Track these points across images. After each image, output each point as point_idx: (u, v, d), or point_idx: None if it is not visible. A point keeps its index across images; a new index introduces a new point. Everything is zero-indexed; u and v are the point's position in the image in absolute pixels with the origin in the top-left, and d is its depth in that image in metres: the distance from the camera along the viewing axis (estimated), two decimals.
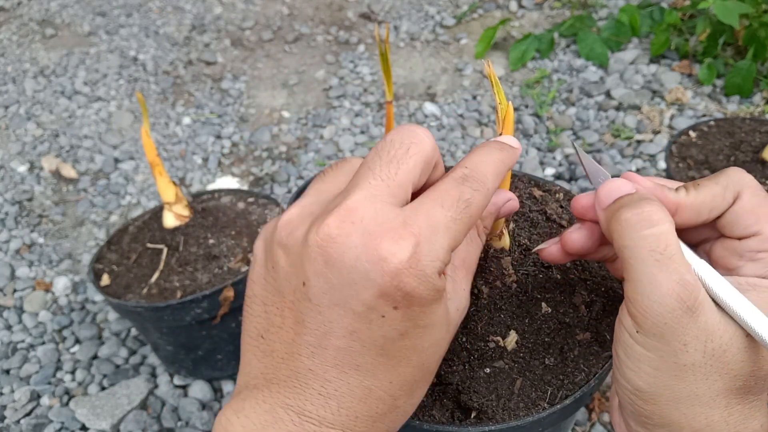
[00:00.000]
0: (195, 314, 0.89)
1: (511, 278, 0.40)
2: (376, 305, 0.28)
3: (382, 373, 0.29)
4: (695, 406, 0.29)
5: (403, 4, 2.21)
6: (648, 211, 0.29)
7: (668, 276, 0.28)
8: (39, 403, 1.06)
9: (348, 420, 0.30)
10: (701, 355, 0.28)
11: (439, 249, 0.28)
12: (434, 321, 0.30)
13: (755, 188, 0.31)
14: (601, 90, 1.62)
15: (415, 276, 0.27)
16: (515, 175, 0.48)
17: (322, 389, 0.29)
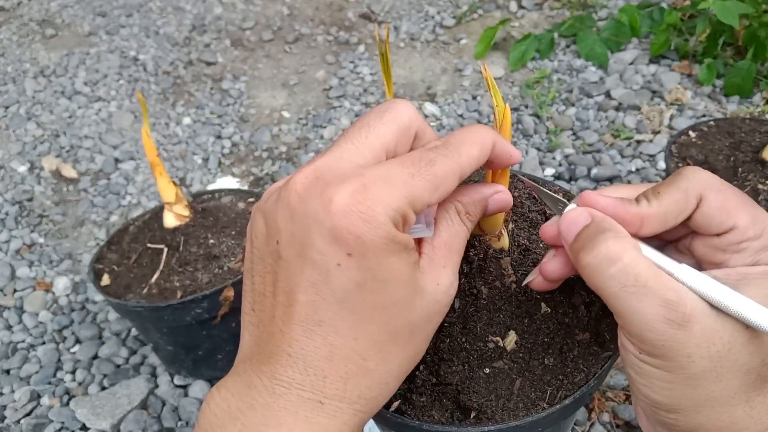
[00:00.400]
0: (195, 314, 0.89)
1: (510, 278, 0.40)
2: (330, 252, 0.28)
3: (344, 329, 0.29)
4: (716, 408, 0.29)
5: (403, 5, 2.21)
6: (605, 249, 0.29)
7: (648, 303, 0.28)
8: (39, 403, 1.06)
9: (317, 380, 0.29)
10: (708, 360, 0.28)
11: (391, 197, 0.28)
12: (394, 277, 0.29)
13: (717, 185, 0.31)
14: (601, 90, 1.63)
15: (363, 219, 0.27)
16: (514, 175, 0.49)
17: (290, 349, 0.30)
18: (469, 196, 0.34)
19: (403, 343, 0.31)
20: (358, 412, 0.30)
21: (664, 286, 0.28)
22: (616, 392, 0.94)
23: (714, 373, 0.29)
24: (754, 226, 0.30)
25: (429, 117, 1.67)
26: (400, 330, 0.31)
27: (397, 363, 0.31)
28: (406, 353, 0.31)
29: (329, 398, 0.29)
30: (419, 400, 0.39)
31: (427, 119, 1.67)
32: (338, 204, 0.28)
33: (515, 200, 0.46)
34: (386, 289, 0.29)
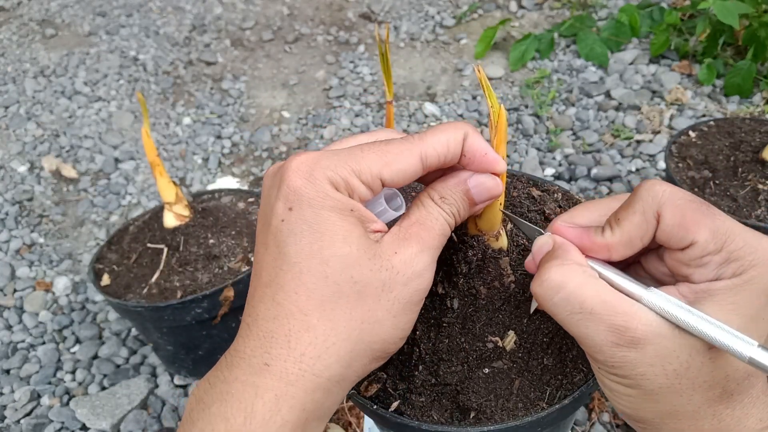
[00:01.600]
0: (195, 314, 0.89)
1: (509, 278, 0.40)
2: (277, 209, 0.31)
3: (287, 282, 0.31)
4: (681, 421, 0.30)
5: (403, 5, 2.21)
6: (548, 278, 0.30)
7: (595, 328, 0.29)
8: (39, 403, 1.06)
9: (265, 341, 0.30)
10: (664, 378, 0.29)
11: (334, 162, 0.31)
12: (333, 230, 0.30)
13: (674, 200, 0.30)
14: (601, 90, 1.63)
15: (303, 177, 0.31)
16: (514, 175, 0.49)
17: (249, 318, 0.32)
18: (444, 181, 0.34)
19: (347, 302, 0.31)
20: (305, 372, 0.30)
21: (612, 311, 0.29)
22: None
23: (672, 389, 0.29)
24: (714, 240, 0.29)
25: (429, 117, 1.67)
26: (342, 286, 0.31)
27: (343, 323, 0.31)
28: (353, 314, 0.31)
29: (275, 358, 0.30)
30: (418, 400, 0.39)
31: (427, 119, 1.67)
32: (289, 167, 0.31)
33: (514, 200, 0.46)
34: (323, 239, 0.30)
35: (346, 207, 0.31)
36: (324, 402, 0.31)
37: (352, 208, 0.31)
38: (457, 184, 0.34)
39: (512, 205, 0.45)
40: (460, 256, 0.39)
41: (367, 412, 0.40)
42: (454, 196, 0.34)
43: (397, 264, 0.32)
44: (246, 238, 0.96)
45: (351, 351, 0.31)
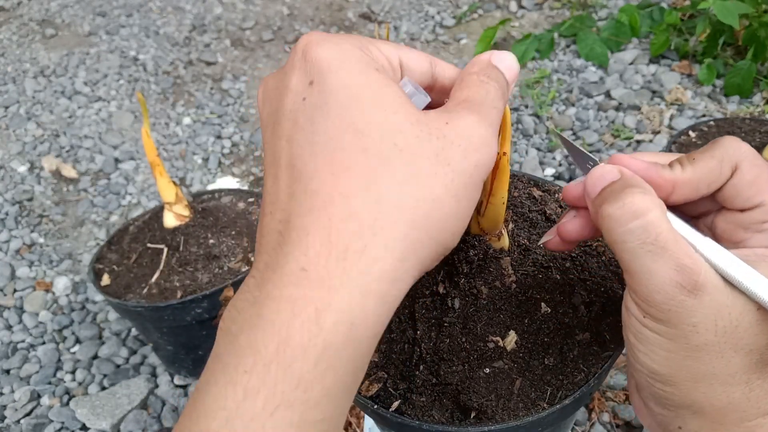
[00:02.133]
0: (195, 314, 0.89)
1: (510, 278, 0.40)
2: (294, 88, 0.27)
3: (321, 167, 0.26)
4: (714, 385, 0.29)
5: (403, 4, 2.21)
6: (630, 202, 0.28)
7: (663, 265, 0.27)
8: (39, 403, 1.06)
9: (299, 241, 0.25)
10: (713, 334, 0.28)
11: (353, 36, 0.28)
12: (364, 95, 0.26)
13: (753, 158, 0.30)
14: (601, 90, 1.63)
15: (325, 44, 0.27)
16: (514, 175, 0.49)
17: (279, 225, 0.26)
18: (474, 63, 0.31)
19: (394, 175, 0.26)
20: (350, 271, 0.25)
21: (682, 251, 0.27)
22: (616, 392, 0.94)
23: (716, 348, 0.28)
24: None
25: None
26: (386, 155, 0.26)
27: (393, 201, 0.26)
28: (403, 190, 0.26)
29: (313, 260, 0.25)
30: (419, 399, 0.39)
31: None
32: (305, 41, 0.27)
33: (515, 200, 0.46)
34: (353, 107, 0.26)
35: (370, 66, 0.27)
36: (379, 312, 0.25)
37: (377, 68, 0.27)
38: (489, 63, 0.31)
39: (513, 205, 0.45)
40: (461, 256, 0.39)
41: (367, 411, 0.40)
42: (495, 73, 0.30)
43: (449, 133, 0.27)
44: (246, 238, 0.96)
45: (405, 237, 0.26)
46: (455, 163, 0.27)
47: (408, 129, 0.26)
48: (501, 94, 0.30)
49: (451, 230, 0.27)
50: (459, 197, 0.27)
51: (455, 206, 0.27)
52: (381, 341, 0.41)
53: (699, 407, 0.29)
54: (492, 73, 0.30)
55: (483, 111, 0.28)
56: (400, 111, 0.26)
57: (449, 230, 0.27)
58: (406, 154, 0.26)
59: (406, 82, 0.30)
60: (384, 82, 0.27)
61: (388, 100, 0.26)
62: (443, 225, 0.27)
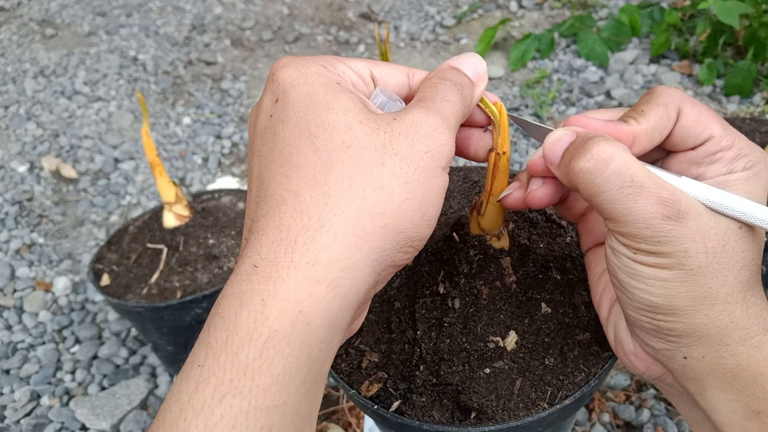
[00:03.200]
0: (195, 314, 0.89)
1: (510, 279, 0.40)
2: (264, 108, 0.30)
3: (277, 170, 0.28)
4: (714, 305, 0.29)
5: (403, 4, 2.21)
6: (597, 151, 0.29)
7: (645, 201, 0.28)
8: (39, 403, 1.06)
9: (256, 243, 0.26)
10: (704, 255, 0.29)
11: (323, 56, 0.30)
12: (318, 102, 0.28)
13: (690, 99, 0.31)
14: (601, 90, 1.63)
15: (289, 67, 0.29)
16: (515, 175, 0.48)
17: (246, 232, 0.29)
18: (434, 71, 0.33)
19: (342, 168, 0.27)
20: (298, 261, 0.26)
21: (658, 185, 0.28)
22: (616, 392, 0.94)
23: (710, 268, 0.29)
24: (726, 136, 0.31)
25: None
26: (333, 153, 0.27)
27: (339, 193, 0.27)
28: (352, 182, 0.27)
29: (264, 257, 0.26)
30: (419, 400, 0.39)
31: None
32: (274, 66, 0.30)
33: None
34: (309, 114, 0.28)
35: (332, 80, 0.29)
36: (330, 299, 0.26)
37: (338, 82, 0.29)
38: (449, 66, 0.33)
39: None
40: (461, 256, 0.39)
41: (367, 412, 0.40)
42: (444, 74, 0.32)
43: (396, 126, 0.28)
44: None
45: (354, 226, 0.26)
46: (403, 152, 0.27)
47: (356, 126, 0.27)
48: (456, 90, 0.31)
49: (410, 218, 0.28)
50: (410, 183, 0.27)
51: (407, 191, 0.27)
52: (381, 341, 0.41)
53: (703, 331, 0.30)
54: (446, 74, 0.32)
55: (431, 105, 0.29)
56: (350, 111, 0.28)
57: (407, 218, 0.28)
58: (354, 149, 0.27)
59: (378, 93, 0.31)
60: (339, 89, 0.29)
61: (341, 102, 0.28)
62: (396, 212, 0.27)
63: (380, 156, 0.27)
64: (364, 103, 0.29)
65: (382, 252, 0.27)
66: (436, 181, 0.28)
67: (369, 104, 0.30)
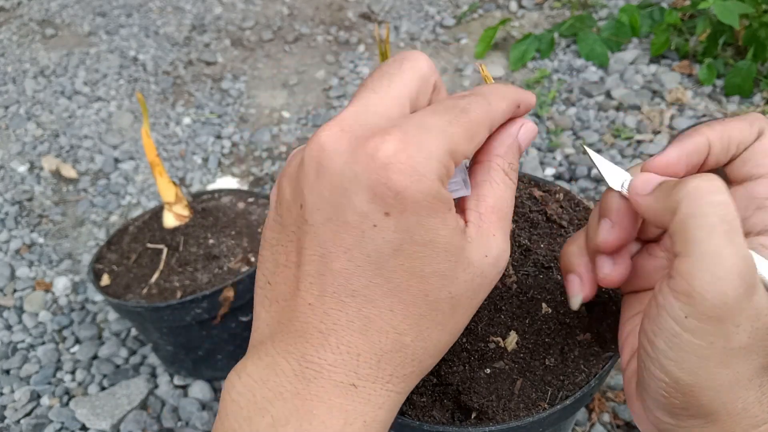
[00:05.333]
0: (195, 314, 0.89)
1: (511, 279, 0.40)
2: (368, 211, 0.26)
3: (380, 298, 0.27)
4: (734, 391, 0.27)
5: (403, 4, 2.21)
6: (707, 178, 0.26)
7: (734, 250, 0.25)
8: (39, 403, 1.06)
9: (350, 359, 0.27)
10: (748, 335, 0.26)
11: (433, 147, 0.26)
12: (436, 242, 0.27)
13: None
14: (601, 90, 1.62)
15: (405, 172, 0.25)
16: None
17: (321, 325, 0.27)
18: (503, 144, 0.31)
19: (442, 318, 0.28)
20: (391, 392, 0.28)
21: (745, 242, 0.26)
22: (616, 393, 0.94)
23: (746, 350, 0.26)
24: None
25: None
26: (440, 303, 0.28)
27: (434, 339, 0.29)
28: (444, 330, 0.29)
29: (362, 379, 0.27)
30: (420, 400, 0.39)
31: None
32: (379, 158, 0.25)
33: (516, 200, 0.46)
34: (426, 254, 0.27)
35: (450, 208, 0.27)
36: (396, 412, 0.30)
37: (450, 206, 0.27)
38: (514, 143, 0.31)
39: (514, 206, 0.45)
40: None
41: None
42: (516, 158, 0.31)
43: (486, 269, 0.29)
44: (246, 238, 0.96)
45: (432, 364, 0.30)
46: (481, 295, 0.30)
47: (461, 276, 0.28)
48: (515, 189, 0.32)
49: None
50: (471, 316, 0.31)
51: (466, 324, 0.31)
52: None
53: (715, 415, 0.28)
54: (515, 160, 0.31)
55: (507, 225, 0.30)
56: (460, 259, 0.28)
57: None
58: (455, 300, 0.29)
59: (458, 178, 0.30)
60: (453, 225, 0.28)
61: (454, 248, 0.28)
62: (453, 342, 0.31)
63: (469, 303, 0.29)
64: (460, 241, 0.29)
65: None
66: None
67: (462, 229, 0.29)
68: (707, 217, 0.25)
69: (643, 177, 0.31)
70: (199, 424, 0.99)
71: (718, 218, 0.25)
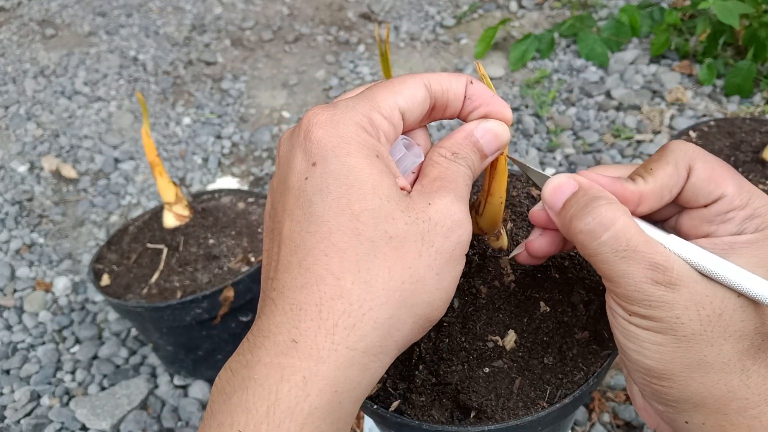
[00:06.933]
0: (195, 314, 0.89)
1: (509, 278, 0.40)
2: (300, 168, 0.29)
3: (315, 245, 0.28)
4: (709, 374, 0.29)
5: (403, 4, 2.21)
6: (598, 215, 0.29)
7: (637, 266, 0.28)
8: (39, 403, 1.06)
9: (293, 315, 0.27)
10: (697, 323, 0.28)
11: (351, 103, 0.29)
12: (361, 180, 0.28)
13: (703, 155, 0.31)
14: (601, 90, 1.62)
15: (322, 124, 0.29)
16: (513, 175, 0.48)
17: (273, 292, 0.28)
18: (450, 137, 0.33)
19: (383, 259, 0.28)
20: (338, 345, 0.27)
21: (652, 250, 0.29)
22: (616, 392, 0.94)
23: (704, 336, 0.29)
24: (740, 195, 0.30)
25: None
26: (377, 243, 0.28)
27: (381, 284, 0.28)
28: (392, 274, 0.28)
29: (303, 333, 0.27)
30: (419, 399, 0.39)
31: None
32: (303, 124, 0.29)
33: (514, 200, 0.46)
34: (353, 192, 0.28)
35: (372, 151, 0.29)
36: (360, 380, 0.28)
37: (377, 154, 0.29)
38: (465, 137, 0.32)
39: (512, 205, 0.45)
40: None
41: (367, 411, 0.40)
42: (465, 150, 0.32)
43: (434, 215, 0.29)
44: (246, 238, 0.96)
45: (391, 317, 0.28)
46: (438, 242, 0.29)
47: (398, 216, 0.28)
48: (471, 170, 0.32)
49: (435, 305, 0.30)
50: (441, 273, 0.29)
51: (437, 282, 0.29)
52: None
53: (699, 399, 0.30)
54: (463, 151, 0.32)
55: (457, 189, 0.31)
56: (393, 198, 0.29)
57: (433, 305, 0.30)
58: (396, 240, 0.28)
59: (399, 146, 0.32)
60: (381, 168, 0.29)
61: (384, 187, 0.29)
62: (426, 301, 0.29)
63: (418, 248, 0.29)
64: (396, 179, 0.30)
65: (408, 335, 0.30)
66: (459, 267, 0.31)
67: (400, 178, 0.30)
68: (601, 254, 0.29)
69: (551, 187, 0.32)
70: (199, 423, 1.00)
71: (611, 252, 0.29)
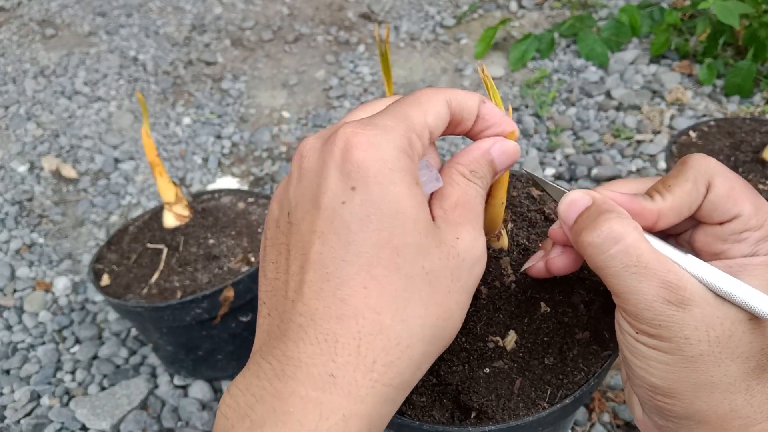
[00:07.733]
0: (195, 314, 0.89)
1: (509, 278, 0.40)
2: (336, 189, 0.27)
3: (352, 276, 0.27)
4: (715, 394, 0.29)
5: (403, 4, 2.21)
6: (608, 228, 0.29)
7: (648, 283, 0.28)
8: (39, 403, 1.06)
9: (327, 347, 0.26)
10: (706, 344, 0.28)
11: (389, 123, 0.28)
12: (403, 212, 0.27)
13: (723, 171, 0.31)
14: (601, 90, 1.62)
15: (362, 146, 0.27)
16: (513, 175, 0.48)
17: (300, 318, 0.27)
18: (468, 153, 0.32)
19: (420, 295, 0.28)
20: (376, 383, 0.27)
21: (664, 268, 0.28)
22: (616, 393, 0.94)
23: (712, 357, 0.28)
24: (756, 216, 0.30)
25: None
26: (414, 278, 0.27)
27: (417, 319, 0.27)
28: (427, 309, 0.28)
29: (341, 368, 0.26)
30: (419, 400, 0.39)
31: None
32: (337, 142, 0.27)
33: (514, 200, 0.46)
34: (394, 225, 0.27)
35: (413, 178, 0.28)
36: (390, 413, 0.28)
37: (417, 181, 0.28)
38: (483, 155, 0.32)
39: (512, 205, 0.45)
40: None
41: None
42: (483, 168, 0.32)
43: (462, 251, 0.29)
44: (246, 239, 0.96)
45: (424, 353, 0.28)
46: (464, 279, 0.29)
47: (433, 252, 0.28)
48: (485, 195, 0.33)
49: (453, 335, 0.30)
50: (463, 308, 0.30)
51: (461, 316, 0.30)
52: None
53: (702, 417, 0.30)
54: (481, 170, 0.32)
55: (477, 220, 0.31)
56: (429, 233, 0.28)
57: (453, 336, 0.30)
58: (431, 276, 0.28)
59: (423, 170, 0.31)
60: (420, 199, 0.28)
61: (422, 220, 0.28)
62: (451, 335, 0.30)
63: (448, 284, 0.29)
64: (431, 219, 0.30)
65: (429, 365, 0.30)
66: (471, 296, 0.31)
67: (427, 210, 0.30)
68: (610, 268, 0.29)
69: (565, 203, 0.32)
70: (199, 424, 1.00)
71: (621, 267, 0.29)
